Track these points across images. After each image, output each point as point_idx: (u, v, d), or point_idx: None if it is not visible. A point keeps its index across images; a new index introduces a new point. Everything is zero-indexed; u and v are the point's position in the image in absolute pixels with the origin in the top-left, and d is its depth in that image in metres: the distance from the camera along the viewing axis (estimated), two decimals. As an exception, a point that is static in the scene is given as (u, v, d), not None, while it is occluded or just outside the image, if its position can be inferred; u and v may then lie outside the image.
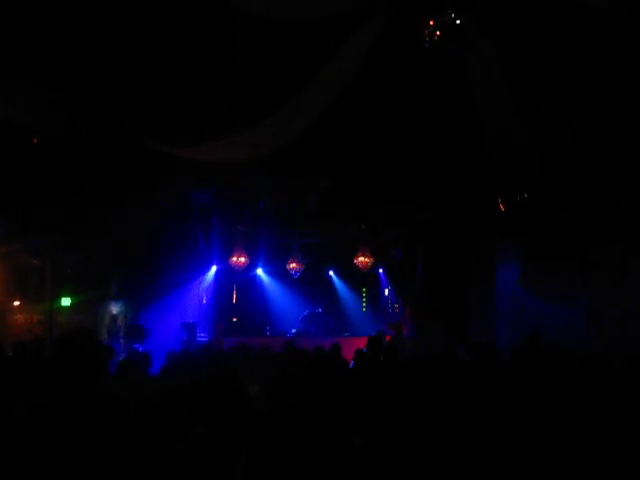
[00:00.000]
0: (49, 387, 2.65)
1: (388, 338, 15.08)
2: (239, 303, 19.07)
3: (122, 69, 7.22)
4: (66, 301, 13.34)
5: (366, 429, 3.92)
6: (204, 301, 18.10)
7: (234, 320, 18.09)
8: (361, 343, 9.66)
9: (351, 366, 7.08)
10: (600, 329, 9.68)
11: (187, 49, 7.04)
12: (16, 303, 12.51)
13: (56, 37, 6.54)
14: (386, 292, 18.96)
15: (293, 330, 17.50)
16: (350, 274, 18.20)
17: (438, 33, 5.36)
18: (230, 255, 15.46)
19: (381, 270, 18.36)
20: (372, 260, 15.72)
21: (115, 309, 15.03)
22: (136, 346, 11.30)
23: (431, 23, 5.34)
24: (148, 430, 2.68)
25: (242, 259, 15.45)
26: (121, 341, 13.55)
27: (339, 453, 3.57)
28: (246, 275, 18.15)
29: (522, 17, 6.48)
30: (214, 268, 17.68)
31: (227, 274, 17.47)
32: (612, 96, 7.32)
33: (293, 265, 16.53)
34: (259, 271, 18.66)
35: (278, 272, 17.86)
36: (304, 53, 6.88)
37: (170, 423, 3.25)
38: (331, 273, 19.36)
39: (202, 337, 16.06)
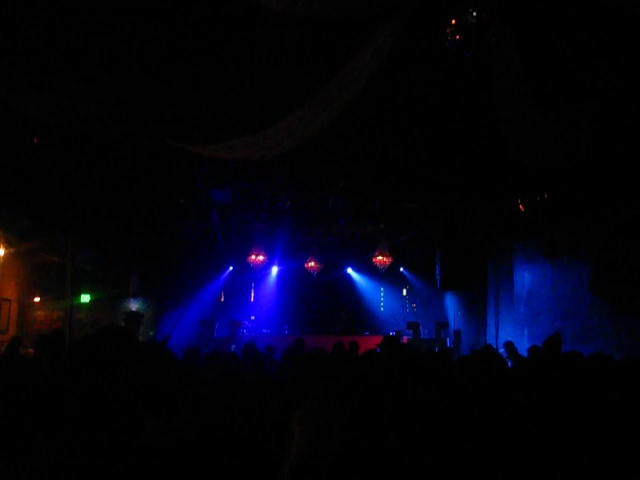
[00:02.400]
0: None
1: (405, 339, 15.07)
2: (257, 301, 19.14)
3: (144, 66, 7.24)
4: (86, 298, 13.47)
5: (399, 425, 3.93)
6: (222, 299, 18.20)
7: (252, 318, 18.14)
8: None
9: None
10: (626, 330, 9.53)
11: (211, 47, 7.04)
12: (36, 299, 12.64)
13: (76, 33, 6.57)
14: (404, 292, 18.92)
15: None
16: (369, 273, 18.20)
17: (459, 32, 5.32)
18: (249, 253, 15.49)
19: (402, 269, 18.32)
20: (390, 259, 15.68)
21: (134, 306, 15.15)
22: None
23: (453, 22, 5.30)
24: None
25: (260, 257, 15.46)
26: (140, 337, 13.63)
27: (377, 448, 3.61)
28: (264, 273, 18.22)
29: (543, 15, 6.42)
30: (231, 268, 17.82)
31: (245, 272, 17.54)
32: (635, 93, 7.23)
33: (312, 264, 16.53)
34: (276, 269, 18.68)
35: (296, 270, 17.86)
36: (326, 51, 6.86)
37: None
38: (350, 271, 19.32)
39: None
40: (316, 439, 3.49)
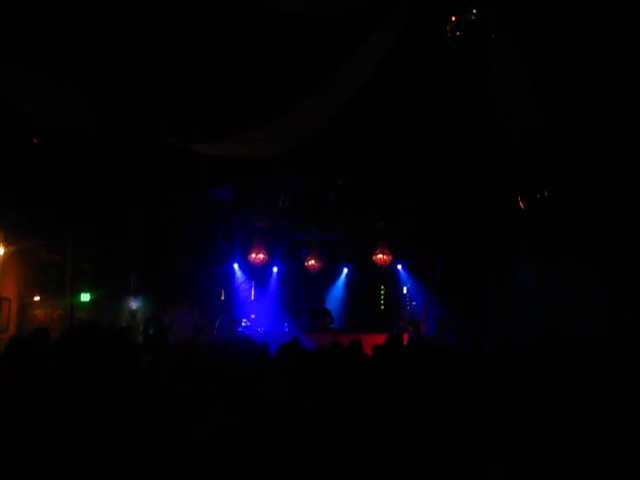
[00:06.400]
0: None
1: (406, 336, 15.06)
2: (257, 300, 19.10)
3: (139, 60, 7.18)
4: (85, 297, 13.43)
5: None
6: (222, 297, 18.17)
7: (252, 317, 18.10)
8: (380, 340, 9.60)
9: None
10: (621, 327, 9.53)
11: (208, 41, 7.00)
12: (36, 298, 12.60)
13: (70, 24, 6.51)
14: (404, 290, 18.89)
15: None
16: (368, 271, 18.13)
17: (460, 30, 5.31)
18: (249, 252, 15.45)
19: (400, 266, 18.26)
20: (391, 257, 15.65)
21: (134, 304, 15.13)
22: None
23: (453, 19, 5.29)
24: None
25: (261, 255, 15.42)
26: (140, 336, 13.61)
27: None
28: (263, 272, 18.19)
29: (544, 13, 6.40)
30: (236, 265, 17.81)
31: (246, 271, 17.53)
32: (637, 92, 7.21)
33: (312, 262, 16.49)
34: (276, 268, 18.65)
35: (295, 268, 17.80)
36: (326, 48, 6.83)
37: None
38: (345, 271, 19.25)
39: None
40: None
